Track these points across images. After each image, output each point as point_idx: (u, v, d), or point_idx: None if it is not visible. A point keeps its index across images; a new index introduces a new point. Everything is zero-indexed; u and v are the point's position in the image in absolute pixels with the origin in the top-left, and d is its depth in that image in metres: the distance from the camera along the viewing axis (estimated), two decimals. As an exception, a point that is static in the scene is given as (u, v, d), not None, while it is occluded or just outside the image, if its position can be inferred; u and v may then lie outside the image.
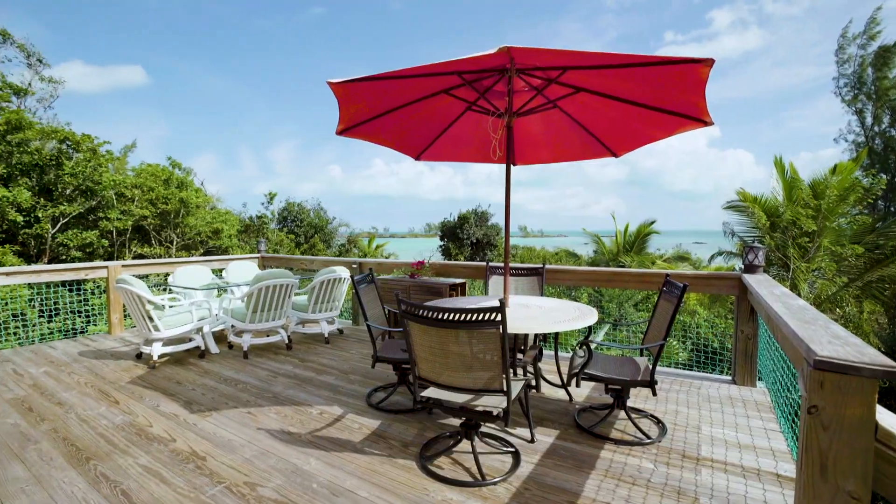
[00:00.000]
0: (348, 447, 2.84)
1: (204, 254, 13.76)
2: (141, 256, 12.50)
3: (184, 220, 13.28)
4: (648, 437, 2.93)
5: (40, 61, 15.02)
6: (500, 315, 2.23)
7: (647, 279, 4.51)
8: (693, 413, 3.34)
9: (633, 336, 7.25)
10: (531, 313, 3.15)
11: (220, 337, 5.56)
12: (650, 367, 2.96)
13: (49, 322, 8.39)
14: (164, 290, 6.76)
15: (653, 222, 16.61)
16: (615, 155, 3.91)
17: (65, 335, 8.23)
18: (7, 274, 5.16)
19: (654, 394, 2.88)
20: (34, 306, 8.20)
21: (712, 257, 14.53)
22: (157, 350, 4.45)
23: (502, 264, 4.55)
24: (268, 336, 5.26)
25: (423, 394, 2.58)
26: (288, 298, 4.98)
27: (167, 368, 4.44)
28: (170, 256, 12.76)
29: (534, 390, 3.79)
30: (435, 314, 2.32)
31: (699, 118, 2.94)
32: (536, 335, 3.73)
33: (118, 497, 2.32)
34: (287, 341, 5.14)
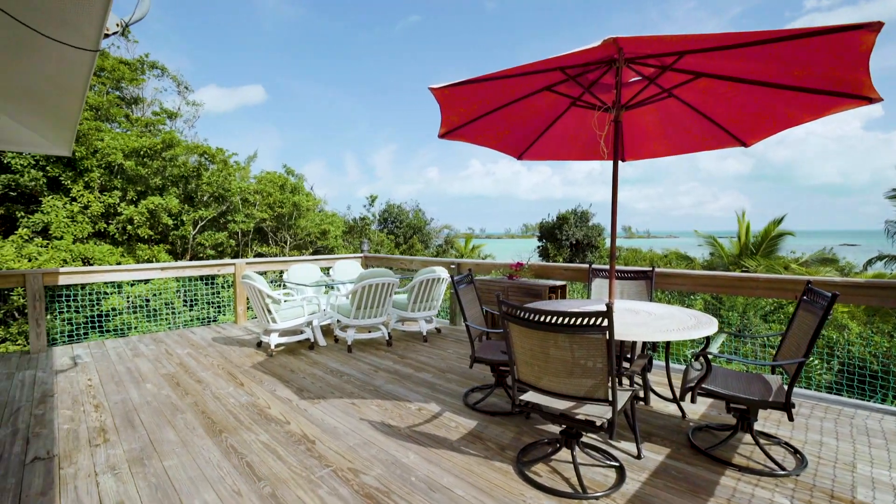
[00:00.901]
0: (445, 445, 2.90)
1: (313, 253, 15.11)
2: (260, 255, 14.14)
3: (296, 223, 14.72)
4: (783, 469, 2.56)
5: (186, 88, 17.74)
6: (606, 320, 2.11)
7: (782, 286, 3.94)
8: (845, 447, 2.84)
9: (762, 351, 6.40)
10: (640, 320, 2.94)
11: (326, 331, 6.06)
12: (785, 387, 2.58)
13: (190, 310, 9.87)
14: (280, 286, 7.56)
15: (781, 219, 14.51)
16: (744, 144, 3.49)
17: (201, 322, 9.62)
18: (162, 269, 6.18)
19: (791, 419, 2.50)
20: (180, 297, 9.71)
21: (869, 262, 12.26)
22: (274, 340, 4.99)
23: (606, 266, 4.31)
24: (370, 332, 5.60)
25: (522, 397, 2.54)
26: (389, 297, 5.26)
27: (282, 357, 4.96)
28: (284, 255, 14.24)
29: (641, 402, 3.53)
30: (537, 316, 2.27)
31: (861, 95, 2.49)
32: (645, 344, 3.47)
33: (244, 468, 2.63)
34: (387, 338, 5.43)
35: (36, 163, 10.19)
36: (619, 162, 3.26)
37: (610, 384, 2.22)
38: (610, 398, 2.24)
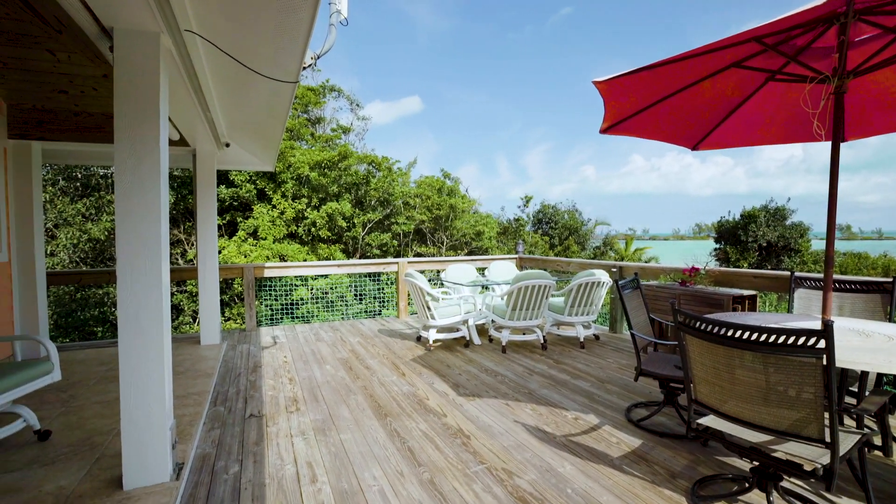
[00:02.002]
0: (605, 460, 2.73)
1: (468, 254, 15.81)
2: (419, 254, 15.35)
3: (452, 224, 15.60)
4: None
5: (357, 105, 20.30)
6: (823, 341, 1.73)
7: None
8: None
9: None
10: (873, 344, 2.33)
11: (481, 330, 6.26)
12: None
13: (359, 303, 11.25)
14: (438, 284, 8.09)
15: None
16: None
17: (368, 315, 10.87)
18: (339, 266, 7.18)
19: None
20: (351, 291, 11.14)
21: None
22: (432, 335, 5.35)
23: (816, 275, 3.55)
24: (524, 334, 5.61)
25: (700, 421, 2.24)
26: (545, 299, 5.19)
27: (439, 352, 5.28)
28: (440, 255, 15.20)
29: (877, 452, 2.79)
30: (724, 330, 1.98)
31: None
32: (882, 377, 2.74)
33: (406, 452, 2.88)
34: (542, 341, 5.36)
35: (250, 178, 12.83)
36: (841, 143, 2.63)
37: (828, 422, 1.81)
38: (827, 439, 1.83)
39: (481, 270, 7.54)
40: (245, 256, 11.80)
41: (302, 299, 10.68)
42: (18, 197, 4.78)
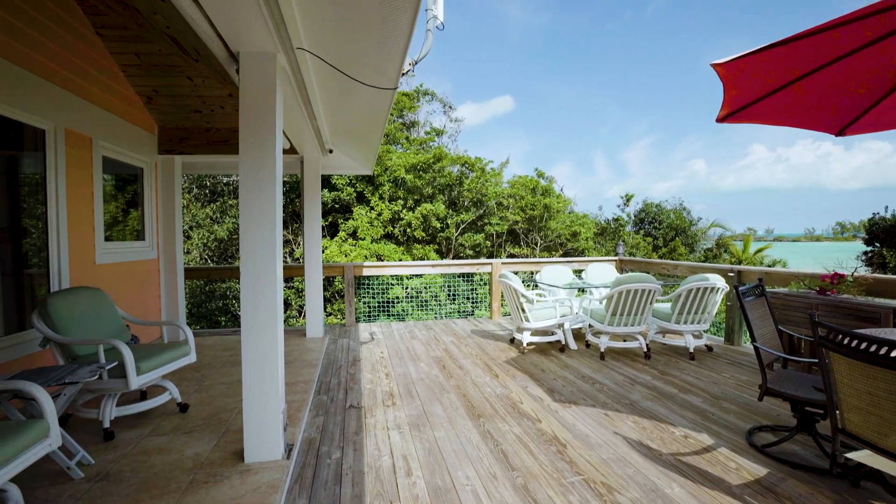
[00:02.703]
0: (721, 487, 2.46)
1: (563, 255, 15.34)
2: (512, 255, 15.22)
3: (546, 224, 15.25)
4: None
5: (450, 107, 20.71)
6: None
7: None
8: None
9: None
10: None
11: (577, 335, 6.03)
12: None
13: (452, 303, 11.46)
14: (532, 286, 7.96)
15: None
16: None
17: (460, 315, 11.02)
18: (433, 266, 7.38)
19: None
20: (444, 290, 11.39)
21: None
22: (526, 338, 5.26)
23: None
24: (624, 341, 5.29)
25: (850, 455, 1.92)
26: (649, 304, 4.85)
27: (533, 356, 5.18)
28: (534, 256, 14.94)
29: None
30: (888, 350, 1.68)
31: None
32: None
33: (499, 454, 2.86)
34: (645, 349, 5.01)
35: (349, 181, 13.73)
36: None
37: None
38: None
39: (577, 273, 7.25)
40: (345, 256, 12.65)
41: (397, 298, 11.16)
42: (165, 203, 5.61)
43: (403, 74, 3.02)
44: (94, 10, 4.03)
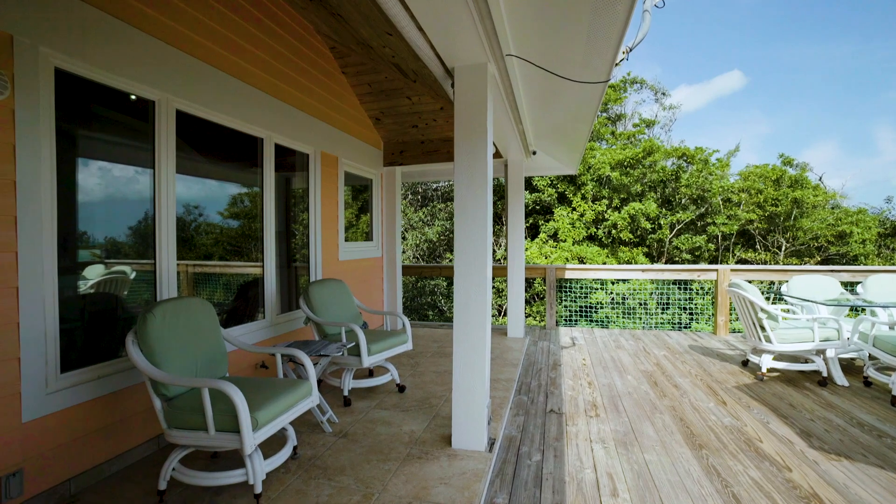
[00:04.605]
0: None
1: (823, 262, 12.31)
2: (743, 261, 12.90)
3: (796, 223, 12.46)
4: None
5: (663, 94, 18.72)
6: None
7: None
8: None
9: None
10: None
11: (849, 367, 4.74)
12: None
13: (662, 312, 10.33)
14: (775, 299, 6.59)
15: None
16: None
17: (672, 326, 9.86)
18: (643, 270, 6.78)
19: None
20: (654, 298, 10.36)
21: None
22: (765, 362, 4.38)
23: None
24: (924, 382, 3.92)
25: None
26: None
27: (776, 385, 4.28)
28: (776, 263, 12.37)
29: None
30: None
31: None
32: None
33: (729, 497, 2.44)
34: (964, 398, 3.62)
35: (551, 182, 13.70)
36: None
37: None
38: None
39: (849, 286, 5.69)
40: (546, 258, 12.69)
41: (600, 303, 10.66)
42: (388, 209, 6.56)
43: (617, 65, 2.85)
44: (340, 54, 4.99)
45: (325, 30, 4.54)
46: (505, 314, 12.47)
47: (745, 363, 4.90)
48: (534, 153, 6.13)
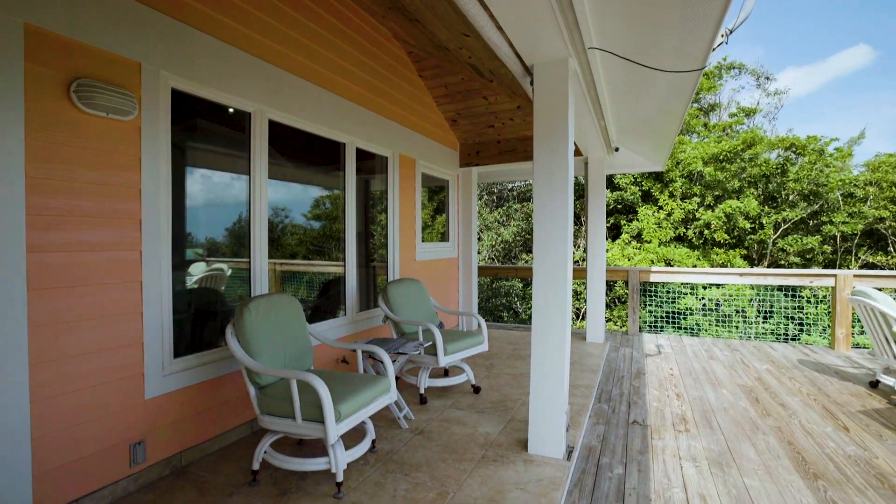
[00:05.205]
0: None
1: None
2: (870, 266, 11.37)
3: (932, 222, 10.77)
4: None
5: (767, 79, 17.02)
6: None
7: None
8: None
9: None
10: None
11: None
12: None
13: (764, 322, 9.40)
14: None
15: None
16: None
17: (776, 337, 8.92)
18: (741, 274, 6.22)
19: None
20: (753, 305, 9.45)
21: None
22: None
23: None
24: None
25: None
26: None
27: (908, 409, 3.72)
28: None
29: None
30: None
31: None
32: None
33: (849, 535, 2.16)
34: None
35: (634, 180, 13.01)
36: None
37: None
38: None
39: None
40: (628, 260, 12.08)
41: (689, 309, 9.95)
42: (464, 210, 6.61)
43: (713, 50, 2.64)
44: (417, 58, 5.11)
45: (402, 35, 4.69)
46: (583, 318, 12.06)
47: (874, 384, 4.31)
48: (616, 150, 5.86)
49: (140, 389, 2.47)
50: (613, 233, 13.54)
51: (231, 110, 3.14)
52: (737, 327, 9.42)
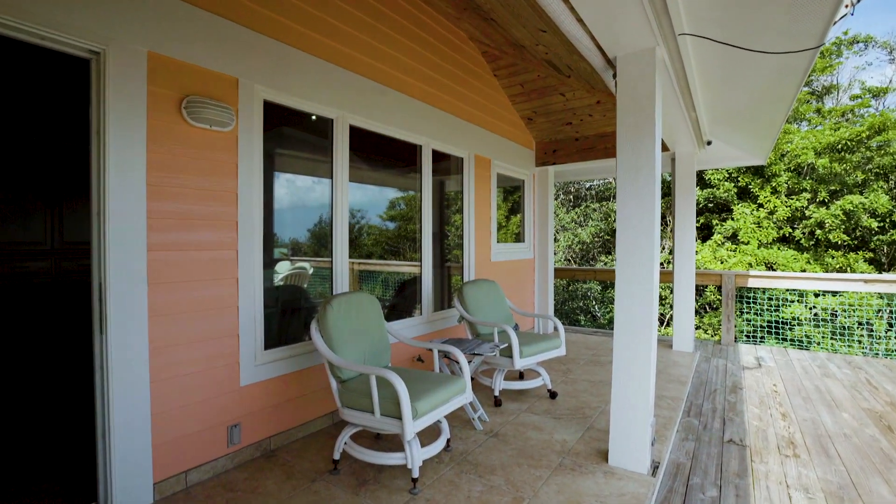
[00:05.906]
0: None
1: None
2: None
3: None
4: None
5: (901, 53, 14.89)
6: None
7: None
8: None
9: None
10: None
11: None
12: None
13: (895, 337, 8.22)
14: None
15: None
16: None
17: (912, 357, 7.77)
18: (865, 281, 5.51)
19: None
20: (882, 317, 8.31)
21: None
22: None
23: None
24: None
25: None
26: None
27: None
28: None
29: None
30: None
31: None
32: None
33: None
34: None
35: (728, 175, 11.98)
36: None
37: None
38: None
39: None
40: (721, 263, 11.17)
41: (796, 319, 8.99)
42: (540, 210, 6.49)
43: (834, 23, 2.35)
44: (492, 57, 5.10)
45: (477, 35, 4.71)
46: (668, 324, 11.34)
47: None
48: (708, 143, 5.45)
49: (236, 376, 2.71)
50: (703, 233, 12.58)
51: (314, 117, 3.35)
52: (859, 342, 8.33)
